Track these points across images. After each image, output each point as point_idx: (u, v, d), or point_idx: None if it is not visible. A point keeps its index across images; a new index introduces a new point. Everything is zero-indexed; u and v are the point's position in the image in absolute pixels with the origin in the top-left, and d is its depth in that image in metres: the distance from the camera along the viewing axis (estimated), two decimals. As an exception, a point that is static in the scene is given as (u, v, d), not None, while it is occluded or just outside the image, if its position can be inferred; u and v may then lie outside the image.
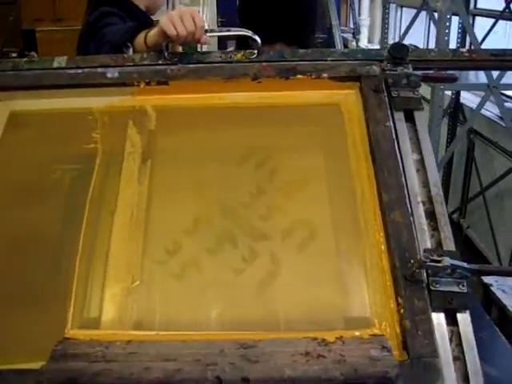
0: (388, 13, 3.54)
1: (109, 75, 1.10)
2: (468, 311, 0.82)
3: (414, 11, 4.36)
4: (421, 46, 1.21)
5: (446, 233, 0.91)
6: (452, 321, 0.83)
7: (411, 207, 0.93)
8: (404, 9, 5.47)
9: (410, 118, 1.04)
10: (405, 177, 0.96)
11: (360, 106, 1.06)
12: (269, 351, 0.77)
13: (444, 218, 0.92)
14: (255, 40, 1.11)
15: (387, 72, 1.05)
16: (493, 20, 3.41)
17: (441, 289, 0.84)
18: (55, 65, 1.14)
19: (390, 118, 1.02)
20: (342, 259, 0.92)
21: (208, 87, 1.09)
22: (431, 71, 1.10)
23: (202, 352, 0.77)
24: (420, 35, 4.97)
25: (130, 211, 0.97)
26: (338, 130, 1.05)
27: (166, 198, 0.99)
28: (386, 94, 1.05)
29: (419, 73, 1.04)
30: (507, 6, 2.88)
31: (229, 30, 1.14)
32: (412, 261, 0.86)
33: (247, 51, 1.12)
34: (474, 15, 3.68)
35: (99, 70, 1.12)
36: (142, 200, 0.98)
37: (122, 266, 0.92)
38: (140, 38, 1.20)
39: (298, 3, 1.27)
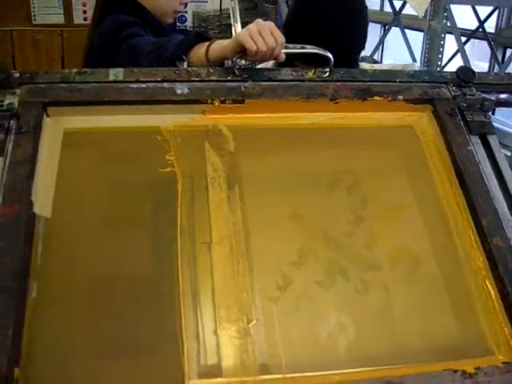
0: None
1: (178, 91, 1.02)
2: None
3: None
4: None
5: (542, 256, 0.95)
6: None
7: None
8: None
9: (484, 142, 1.07)
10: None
11: (434, 128, 1.08)
12: (420, 388, 0.76)
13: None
14: (330, 59, 1.08)
15: (466, 96, 1.06)
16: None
17: (555, 313, 0.88)
18: (111, 77, 1.03)
19: (470, 142, 1.05)
20: (450, 287, 0.93)
21: (285, 107, 1.05)
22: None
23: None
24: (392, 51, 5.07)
25: (229, 243, 0.91)
26: (418, 153, 1.06)
27: (264, 228, 0.94)
28: (460, 118, 1.07)
29: (493, 97, 1.07)
30: (480, 26, 3.06)
31: (303, 47, 1.09)
32: (522, 286, 0.89)
33: (318, 70, 1.09)
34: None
35: (165, 84, 1.03)
36: (238, 230, 0.92)
37: (232, 305, 0.85)
38: (199, 51, 1.12)
39: (351, 30, 1.25)
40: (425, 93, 1.09)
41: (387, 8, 4.26)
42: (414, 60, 3.45)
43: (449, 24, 2.47)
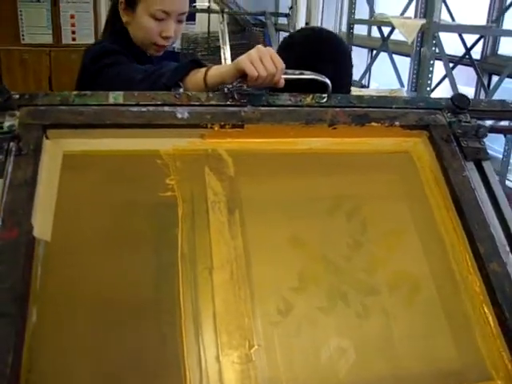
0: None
1: (179, 115, 1.02)
2: None
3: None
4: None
5: (539, 282, 0.96)
6: None
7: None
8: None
9: (478, 168, 1.09)
10: (490, 227, 1.00)
11: (430, 154, 1.09)
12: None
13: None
14: (328, 85, 1.10)
15: (462, 123, 1.08)
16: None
17: (552, 339, 0.89)
18: (111, 100, 1.03)
19: (466, 168, 1.06)
20: (449, 312, 0.93)
21: (284, 132, 1.06)
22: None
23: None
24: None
25: (230, 268, 0.90)
26: (414, 179, 1.07)
27: (264, 253, 0.94)
28: (455, 144, 1.09)
29: (488, 124, 1.10)
30: (467, 53, 3.13)
31: (302, 73, 1.11)
32: (520, 312, 0.90)
33: (316, 95, 1.10)
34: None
35: (166, 108, 1.03)
36: (239, 255, 0.92)
37: (234, 330, 0.85)
38: (196, 77, 1.13)
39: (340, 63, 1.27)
40: (421, 119, 1.11)
41: (374, 33, 4.36)
42: (402, 85, 3.52)
43: (437, 50, 2.53)
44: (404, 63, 3.78)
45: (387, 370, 0.85)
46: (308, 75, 1.10)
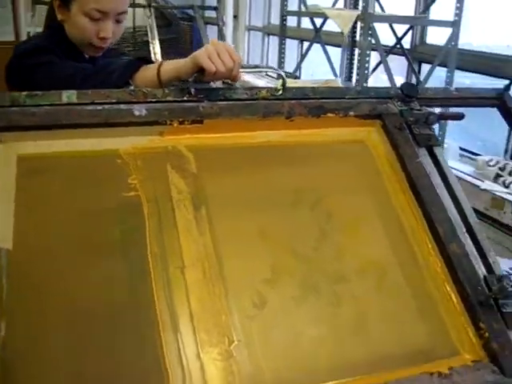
0: (285, 44, 3.67)
1: (136, 113, 1.00)
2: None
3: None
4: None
5: (493, 258, 1.02)
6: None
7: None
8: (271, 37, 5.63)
9: (430, 154, 1.13)
10: (445, 209, 1.05)
11: (384, 142, 1.13)
12: (404, 393, 0.79)
13: (487, 245, 1.03)
14: (284, 77, 1.10)
15: (414, 111, 1.13)
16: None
17: (510, 310, 0.94)
18: (64, 100, 0.99)
19: (419, 154, 1.11)
20: (414, 293, 0.97)
21: (243, 126, 1.05)
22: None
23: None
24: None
25: (201, 266, 0.89)
26: (371, 167, 1.10)
27: (234, 248, 0.93)
28: (408, 132, 1.13)
29: (437, 111, 1.14)
30: (398, 42, 3.22)
31: (257, 67, 1.11)
32: (480, 287, 0.95)
33: (271, 88, 1.11)
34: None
35: (122, 106, 1.00)
36: (209, 252, 0.91)
37: (212, 328, 0.84)
38: (147, 73, 1.10)
39: None
40: (374, 108, 1.14)
41: (304, 24, 4.45)
42: (335, 75, 3.60)
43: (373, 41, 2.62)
44: (334, 53, 3.86)
45: (363, 353, 0.88)
46: (264, 68, 1.10)
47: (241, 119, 1.05)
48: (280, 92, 1.11)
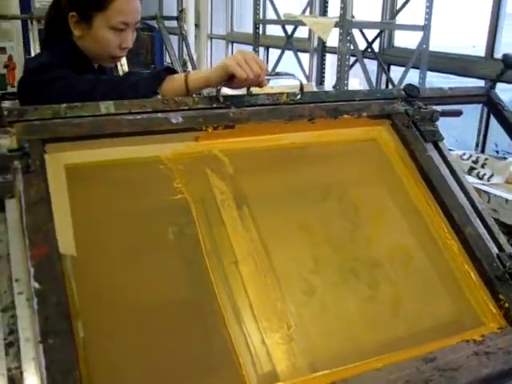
0: (258, 51, 3.75)
1: (173, 120, 1.05)
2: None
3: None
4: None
5: (502, 239, 1.13)
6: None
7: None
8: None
9: (436, 148, 1.24)
10: (457, 197, 1.16)
11: (394, 139, 1.23)
12: (451, 358, 0.88)
13: (496, 227, 1.15)
14: (302, 84, 1.18)
15: (421, 110, 1.23)
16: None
17: (523, 283, 1.05)
18: (103, 110, 1.03)
19: (427, 149, 1.21)
20: (439, 273, 1.07)
21: (269, 129, 1.13)
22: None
23: (398, 375, 0.84)
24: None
25: (252, 259, 0.96)
26: (385, 162, 1.20)
27: (278, 241, 1.00)
28: (415, 129, 1.24)
29: (439, 109, 1.26)
30: (369, 46, 3.36)
31: (277, 74, 1.19)
32: (495, 264, 1.06)
33: (290, 93, 1.19)
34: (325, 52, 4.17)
35: (159, 115, 1.05)
36: (257, 246, 0.98)
37: (271, 315, 0.91)
38: (174, 84, 1.16)
39: None
40: (383, 109, 1.24)
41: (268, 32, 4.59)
42: (307, 79, 3.71)
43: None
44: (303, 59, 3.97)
45: (404, 329, 0.97)
46: (282, 75, 1.18)
47: (268, 123, 1.12)
48: (299, 97, 1.19)
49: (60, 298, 0.78)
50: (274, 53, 4.08)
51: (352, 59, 2.90)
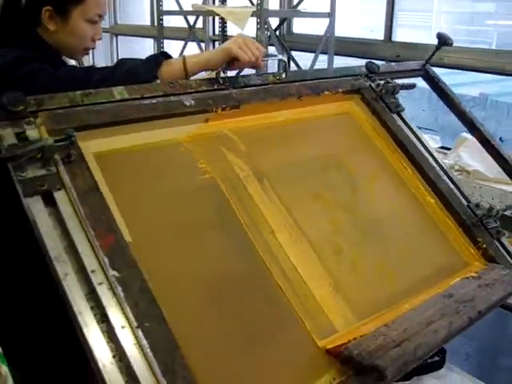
0: (163, 44, 3.57)
1: (186, 103, 1.07)
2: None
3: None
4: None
5: (467, 192, 1.33)
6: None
7: (442, 179, 1.30)
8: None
9: (400, 118, 1.40)
10: (426, 159, 1.32)
11: (364, 111, 1.36)
12: (463, 292, 1.04)
13: (460, 183, 1.33)
14: (286, 64, 1.26)
15: (388, 84, 1.37)
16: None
17: (492, 226, 1.25)
18: (117, 96, 1.02)
19: (395, 119, 1.36)
20: (428, 226, 1.23)
21: (266, 107, 1.19)
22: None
23: (432, 311, 0.98)
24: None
25: (285, 228, 1.03)
26: (362, 132, 1.33)
27: (300, 210, 1.08)
28: (382, 102, 1.38)
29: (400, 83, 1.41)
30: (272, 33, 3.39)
31: (267, 56, 1.24)
32: (468, 213, 1.25)
33: (276, 73, 1.26)
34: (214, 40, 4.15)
35: (172, 98, 1.07)
36: (286, 216, 1.05)
37: (315, 276, 0.99)
38: (172, 68, 1.17)
39: None
40: (353, 85, 1.37)
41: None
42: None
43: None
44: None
45: (414, 274, 1.11)
46: (272, 56, 1.25)
47: (265, 102, 1.19)
48: (283, 76, 1.26)
49: (142, 284, 0.79)
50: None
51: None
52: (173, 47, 4.16)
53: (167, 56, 1.19)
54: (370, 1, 3.81)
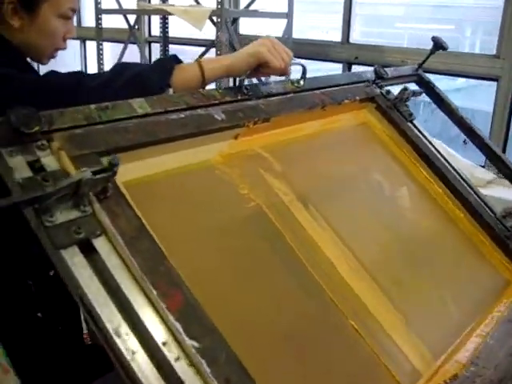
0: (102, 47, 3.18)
1: (217, 117, 0.90)
2: None
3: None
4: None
5: (490, 203, 1.26)
6: None
7: (466, 189, 1.23)
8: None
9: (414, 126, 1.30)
10: (447, 169, 1.24)
11: (380, 121, 1.26)
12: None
13: (482, 194, 1.26)
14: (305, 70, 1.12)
15: (405, 91, 1.27)
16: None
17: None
18: (140, 111, 0.83)
19: (412, 128, 1.27)
20: (464, 242, 1.14)
21: (293, 119, 1.05)
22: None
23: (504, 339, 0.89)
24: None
25: (344, 259, 0.90)
26: (382, 143, 1.22)
27: (350, 235, 0.95)
28: (396, 110, 1.28)
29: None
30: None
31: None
32: (500, 225, 1.18)
33: (293, 80, 1.12)
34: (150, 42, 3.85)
35: (200, 111, 0.89)
36: (339, 243, 0.92)
37: (385, 313, 0.87)
38: (186, 75, 0.98)
39: None
40: (367, 92, 1.25)
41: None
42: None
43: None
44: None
45: (468, 298, 1.02)
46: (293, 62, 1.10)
47: (292, 114, 1.04)
48: (301, 83, 1.12)
49: (228, 352, 0.62)
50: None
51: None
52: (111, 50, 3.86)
53: (178, 60, 1.00)
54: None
